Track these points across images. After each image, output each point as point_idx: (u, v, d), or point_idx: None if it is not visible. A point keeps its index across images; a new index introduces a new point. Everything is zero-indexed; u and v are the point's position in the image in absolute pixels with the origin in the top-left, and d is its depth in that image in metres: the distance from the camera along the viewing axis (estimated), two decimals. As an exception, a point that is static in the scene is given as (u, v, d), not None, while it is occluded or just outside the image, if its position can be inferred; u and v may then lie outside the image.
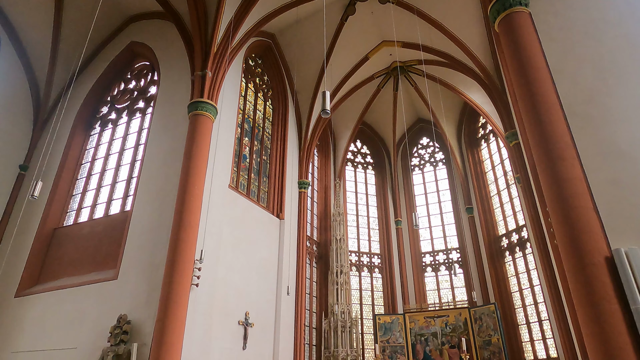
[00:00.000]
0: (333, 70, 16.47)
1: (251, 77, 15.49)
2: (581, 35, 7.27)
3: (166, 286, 8.98)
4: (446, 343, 14.83)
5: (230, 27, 12.09)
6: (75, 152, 14.17)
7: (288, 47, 16.42)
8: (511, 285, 16.05)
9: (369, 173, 21.40)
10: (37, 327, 10.93)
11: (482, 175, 18.65)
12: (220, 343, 10.43)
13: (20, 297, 11.71)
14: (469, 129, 19.56)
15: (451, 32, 14.21)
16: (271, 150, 15.50)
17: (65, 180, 13.59)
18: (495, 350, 13.78)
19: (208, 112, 11.13)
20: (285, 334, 12.99)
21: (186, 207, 9.80)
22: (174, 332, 8.59)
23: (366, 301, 18.06)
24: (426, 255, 19.17)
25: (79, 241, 12.10)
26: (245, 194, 13.17)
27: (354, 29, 15.73)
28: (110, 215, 12.16)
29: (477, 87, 15.42)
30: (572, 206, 5.87)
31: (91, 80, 14.90)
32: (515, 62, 7.39)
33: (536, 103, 6.77)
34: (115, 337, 9.25)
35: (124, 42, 14.80)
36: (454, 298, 17.59)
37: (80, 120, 14.51)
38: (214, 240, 10.80)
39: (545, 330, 14.18)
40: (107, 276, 10.62)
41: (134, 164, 12.80)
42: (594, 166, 6.18)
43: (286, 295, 13.19)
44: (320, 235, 17.87)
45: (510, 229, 16.68)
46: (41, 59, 14.77)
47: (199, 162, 10.46)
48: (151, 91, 14.14)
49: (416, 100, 19.96)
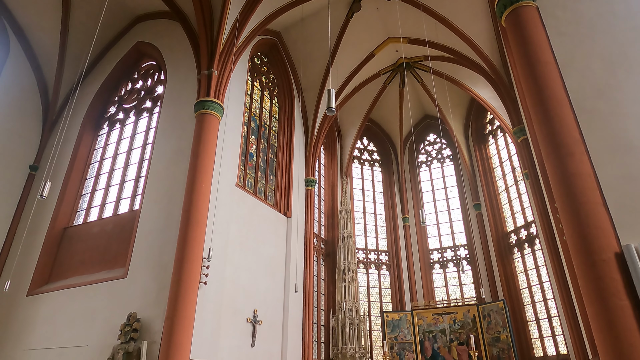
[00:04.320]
0: (339, 68, 16.43)
1: (257, 76, 15.50)
2: (590, 29, 7.17)
3: (175, 284, 9.05)
4: (454, 340, 14.79)
5: (235, 26, 12.11)
6: (84, 152, 14.30)
7: (294, 44, 16.41)
8: (520, 282, 15.94)
9: (376, 170, 21.36)
10: (49, 325, 11.07)
11: (490, 171, 18.53)
12: (228, 340, 10.50)
13: (32, 295, 11.86)
14: (476, 125, 19.43)
15: (457, 28, 14.10)
16: (278, 148, 15.52)
17: (74, 180, 13.73)
18: (504, 347, 13.72)
19: (214, 111, 11.16)
20: (293, 331, 13.04)
21: (194, 206, 9.85)
22: (183, 330, 8.65)
23: (374, 298, 18.06)
24: (434, 252, 19.13)
25: (88, 240, 12.23)
26: (253, 192, 13.21)
27: (359, 25, 15.67)
28: (119, 214, 12.27)
29: (484, 83, 15.30)
30: (581, 202, 5.80)
31: (99, 81, 15.02)
32: (522, 57, 7.31)
33: (544, 98, 6.70)
34: (125, 334, 9.35)
35: (131, 42, 14.89)
36: (462, 295, 17.53)
37: (88, 120, 14.65)
38: (222, 238, 10.85)
39: (555, 327, 14.09)
40: (117, 275, 10.73)
41: (141, 163, 12.89)
42: (603, 161, 6.10)
43: (294, 293, 13.23)
44: (328, 232, 17.88)
45: (518, 225, 16.56)
46: (49, 60, 14.91)
47: (206, 161, 10.50)
48: (158, 91, 14.22)
49: (422, 97, 19.86)
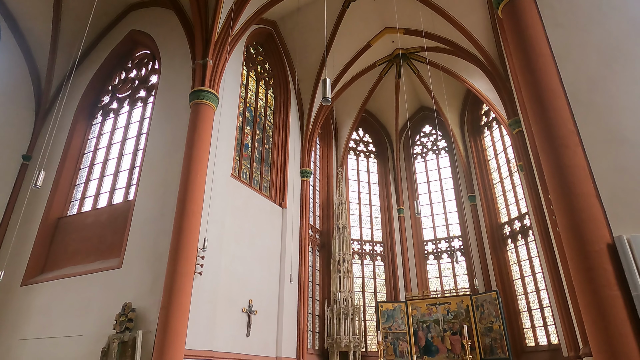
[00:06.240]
0: (335, 58, 16.32)
1: (252, 66, 15.38)
2: (586, 21, 7.14)
3: (170, 275, 9.06)
4: (448, 330, 14.96)
5: (230, 15, 11.98)
6: (77, 142, 14.18)
7: (289, 34, 16.27)
8: (513, 273, 16.10)
9: (372, 161, 21.37)
10: (44, 315, 11.07)
11: (485, 163, 18.59)
12: (224, 330, 10.55)
13: (27, 285, 11.84)
14: (471, 117, 19.45)
15: (454, 19, 14.03)
16: (273, 139, 15.46)
17: (68, 170, 13.64)
18: (497, 336, 13.90)
19: (209, 101, 11.09)
20: (289, 321, 13.13)
21: (189, 196, 9.82)
22: (178, 320, 8.68)
23: (368, 289, 18.19)
24: (428, 243, 19.24)
25: (83, 230, 12.19)
26: (248, 183, 13.19)
27: (355, 15, 15.55)
28: (114, 204, 12.22)
29: (480, 74, 15.28)
30: (574, 193, 5.84)
31: (92, 70, 14.85)
32: (518, 49, 7.29)
33: (540, 90, 6.70)
34: (120, 324, 9.37)
35: (125, 31, 14.70)
36: (455, 285, 17.69)
37: (81, 109, 14.50)
38: (217, 229, 10.85)
39: (547, 317, 14.27)
40: (112, 265, 10.72)
41: (136, 153, 12.82)
42: (597, 153, 6.13)
43: (289, 283, 13.30)
44: (323, 223, 17.93)
45: (512, 216, 16.67)
46: (42, 48, 14.71)
47: (201, 151, 10.46)
48: (152, 80, 14.09)
49: (419, 88, 19.82)
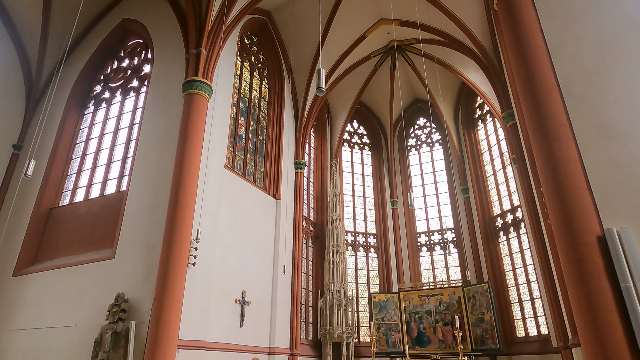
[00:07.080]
0: (330, 49, 16.23)
1: (246, 56, 15.25)
2: (581, 14, 7.14)
3: (163, 265, 9.04)
4: (440, 321, 15.13)
5: (224, 4, 11.83)
6: (69, 132, 14.02)
7: (284, 25, 16.13)
8: (505, 265, 16.26)
9: (366, 153, 21.38)
10: (36, 305, 11.03)
11: (479, 156, 18.67)
12: (217, 321, 10.58)
13: (18, 276, 11.78)
14: (466, 110, 19.48)
15: (450, 10, 13.99)
16: (267, 130, 15.40)
17: (59, 160, 13.51)
18: (488, 327, 14.09)
19: (203, 91, 10.99)
20: (282, 312, 13.19)
21: (182, 187, 9.77)
22: (171, 310, 8.68)
23: (362, 280, 18.31)
24: (421, 235, 19.36)
25: (75, 221, 12.12)
26: (241, 174, 13.15)
27: (351, 6, 15.43)
28: (106, 195, 12.14)
29: (474, 67, 15.27)
30: (566, 186, 5.89)
31: (83, 59, 14.63)
32: (513, 42, 7.29)
33: (534, 83, 6.71)
34: (113, 315, 9.36)
35: (116, 19, 14.46)
36: (448, 277, 17.85)
37: (73, 99, 14.32)
38: (211, 220, 10.83)
39: (537, 309, 14.45)
40: (104, 255, 10.67)
41: (128, 144, 12.70)
42: (589, 147, 6.17)
43: (282, 274, 13.33)
44: (317, 215, 17.96)
45: (505, 209, 16.80)
46: (32, 36, 14.45)
47: (195, 142, 10.39)
48: (145, 70, 13.93)
49: (413, 80, 19.80)
